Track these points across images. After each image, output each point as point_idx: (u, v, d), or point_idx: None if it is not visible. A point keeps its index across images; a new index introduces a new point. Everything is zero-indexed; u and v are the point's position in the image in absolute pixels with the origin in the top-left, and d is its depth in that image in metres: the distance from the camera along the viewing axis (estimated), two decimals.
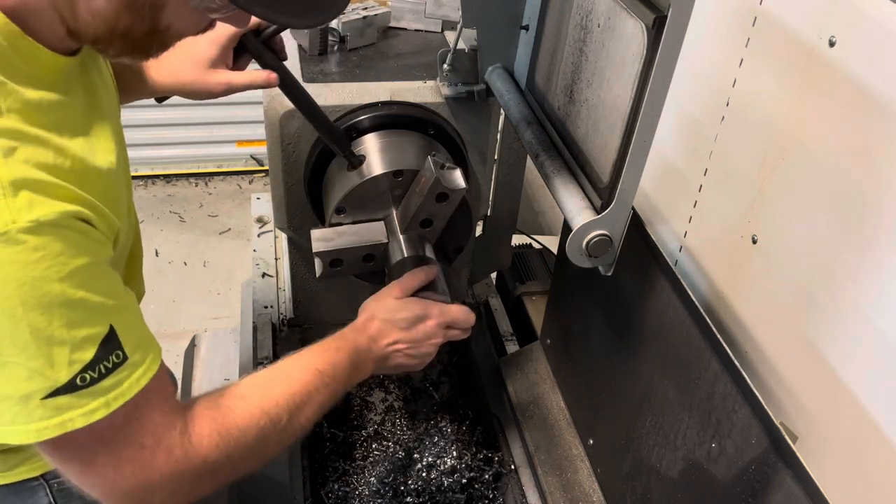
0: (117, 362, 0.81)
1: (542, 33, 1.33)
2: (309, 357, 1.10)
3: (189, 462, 0.88)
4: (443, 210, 1.37)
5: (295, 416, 1.01)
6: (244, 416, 0.95)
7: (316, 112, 1.30)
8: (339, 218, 1.40)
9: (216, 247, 3.63)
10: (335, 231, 1.40)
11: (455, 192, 1.33)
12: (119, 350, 0.82)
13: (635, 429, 1.29)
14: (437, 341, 1.27)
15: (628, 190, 1.00)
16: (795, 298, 1.08)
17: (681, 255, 1.37)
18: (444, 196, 1.34)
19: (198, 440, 0.90)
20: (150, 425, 0.86)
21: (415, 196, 1.37)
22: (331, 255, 1.38)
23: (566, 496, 1.48)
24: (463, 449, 1.67)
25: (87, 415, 0.80)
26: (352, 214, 1.41)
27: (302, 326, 1.84)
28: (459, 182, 1.32)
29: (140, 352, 0.85)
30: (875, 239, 0.94)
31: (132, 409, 0.84)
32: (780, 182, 1.10)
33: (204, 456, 0.90)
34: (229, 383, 1.01)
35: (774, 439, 0.94)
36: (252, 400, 0.98)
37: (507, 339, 1.94)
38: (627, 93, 0.97)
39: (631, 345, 1.31)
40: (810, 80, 1.03)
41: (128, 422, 0.84)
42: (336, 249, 1.38)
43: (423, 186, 1.33)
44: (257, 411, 0.97)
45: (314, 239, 1.38)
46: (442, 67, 1.48)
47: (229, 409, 0.95)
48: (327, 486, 1.60)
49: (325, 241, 1.38)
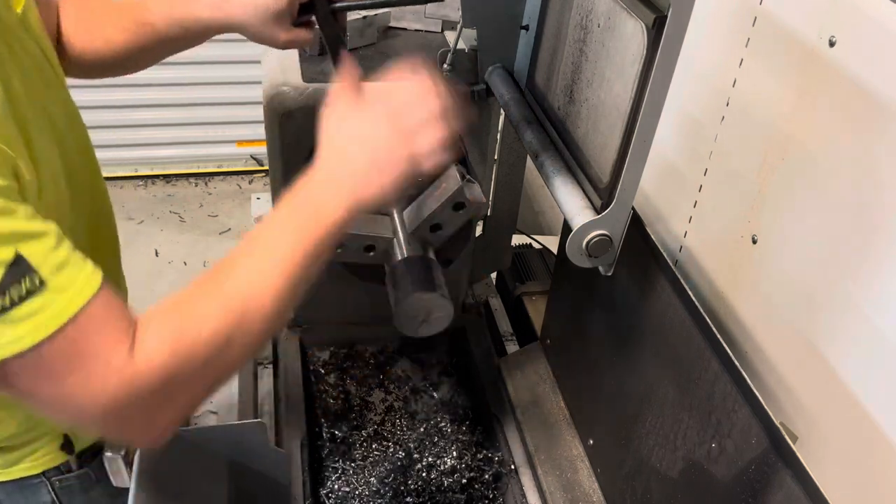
0: (31, 289, 0.76)
1: (542, 33, 1.33)
2: (263, 235, 0.93)
3: (143, 379, 0.81)
4: (456, 219, 1.39)
5: (255, 303, 0.87)
6: (200, 318, 0.85)
7: None
8: None
9: (216, 247, 3.63)
10: None
11: (474, 205, 1.36)
12: (32, 275, 0.77)
13: (635, 429, 1.29)
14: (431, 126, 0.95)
15: (628, 190, 1.00)
16: (795, 298, 1.08)
17: (681, 255, 1.37)
18: (461, 206, 1.36)
19: (148, 356, 0.81)
20: (93, 348, 0.80)
21: (431, 200, 1.38)
22: None
23: (566, 496, 1.48)
24: (463, 449, 1.67)
25: (14, 343, 0.75)
26: None
27: (302, 326, 1.84)
28: (480, 196, 1.36)
29: (64, 276, 0.79)
30: (875, 239, 0.94)
31: (71, 334, 0.78)
32: (780, 182, 1.10)
33: (159, 371, 0.81)
34: (183, 288, 0.88)
35: (774, 439, 0.94)
36: (206, 299, 0.86)
37: (507, 339, 1.94)
38: (627, 93, 0.97)
39: (631, 345, 1.31)
40: (810, 80, 1.03)
41: (67, 347, 0.79)
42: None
43: (443, 193, 1.35)
44: (214, 310, 0.85)
45: None
46: (442, 67, 1.48)
47: (183, 314, 0.85)
48: (327, 486, 1.60)
49: None
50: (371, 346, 1.90)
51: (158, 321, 0.83)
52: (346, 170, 0.95)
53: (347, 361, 1.86)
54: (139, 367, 0.80)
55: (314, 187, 0.95)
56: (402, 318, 1.32)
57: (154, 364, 0.80)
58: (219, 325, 0.84)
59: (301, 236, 0.91)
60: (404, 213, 1.43)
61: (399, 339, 1.91)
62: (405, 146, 0.95)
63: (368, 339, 1.90)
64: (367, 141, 0.96)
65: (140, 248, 3.56)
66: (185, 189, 4.05)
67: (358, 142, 0.96)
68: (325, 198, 0.93)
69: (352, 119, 0.98)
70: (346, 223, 0.94)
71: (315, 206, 0.93)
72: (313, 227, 0.91)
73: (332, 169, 0.96)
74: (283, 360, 1.78)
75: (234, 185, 4.12)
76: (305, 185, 0.95)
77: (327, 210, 0.92)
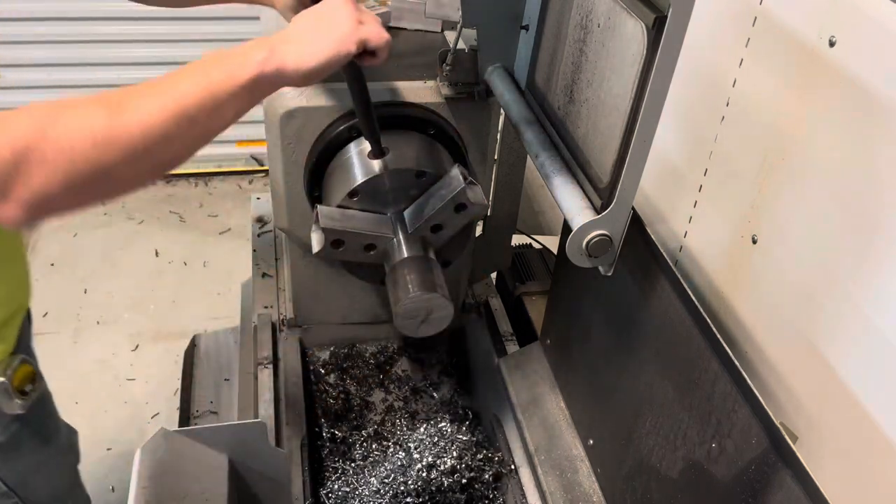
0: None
1: (542, 33, 1.33)
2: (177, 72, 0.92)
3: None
4: (457, 220, 1.41)
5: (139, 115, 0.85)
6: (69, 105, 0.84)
7: (364, 91, 1.27)
8: (349, 202, 1.40)
9: (216, 247, 3.63)
10: (343, 213, 1.40)
11: (475, 207, 1.37)
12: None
13: (635, 429, 1.29)
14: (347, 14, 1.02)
15: (628, 190, 1.00)
16: (795, 298, 1.08)
17: (681, 255, 1.37)
18: (463, 207, 1.37)
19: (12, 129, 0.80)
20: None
21: (433, 200, 1.38)
22: (336, 234, 1.37)
23: (566, 496, 1.48)
24: (463, 449, 1.67)
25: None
26: (362, 202, 1.40)
27: (302, 326, 1.84)
28: (482, 198, 1.37)
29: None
30: (875, 239, 0.94)
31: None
32: (780, 182, 1.10)
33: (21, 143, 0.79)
34: None
35: (774, 439, 0.94)
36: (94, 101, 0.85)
37: (507, 339, 1.94)
38: (627, 93, 0.97)
39: (631, 345, 1.32)
40: (810, 80, 1.03)
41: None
42: (343, 230, 1.38)
43: (446, 194, 1.36)
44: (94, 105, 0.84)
45: (322, 215, 1.38)
46: (442, 67, 1.48)
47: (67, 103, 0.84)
48: (327, 486, 1.60)
49: (333, 219, 1.38)
50: (371, 346, 1.90)
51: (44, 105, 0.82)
52: (278, 35, 0.99)
53: (347, 361, 1.86)
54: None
55: (242, 46, 0.96)
56: (402, 318, 1.32)
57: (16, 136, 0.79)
58: (94, 119, 0.83)
59: (207, 79, 0.90)
60: (405, 213, 1.43)
61: (399, 339, 1.91)
62: (346, 27, 1.00)
63: (368, 339, 1.90)
64: (310, 15, 1.02)
65: (140, 248, 3.56)
66: (185, 189, 4.05)
67: (303, 18, 1.02)
68: (245, 52, 0.95)
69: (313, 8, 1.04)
70: (259, 82, 0.94)
71: (232, 57, 0.94)
72: (223, 75, 0.91)
73: (268, 37, 0.98)
74: (283, 360, 1.78)
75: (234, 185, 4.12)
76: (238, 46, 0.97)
77: (242, 62, 0.93)
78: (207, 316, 3.14)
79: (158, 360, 2.94)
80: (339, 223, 1.38)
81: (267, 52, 0.95)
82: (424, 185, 1.40)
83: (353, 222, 1.39)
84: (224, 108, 0.92)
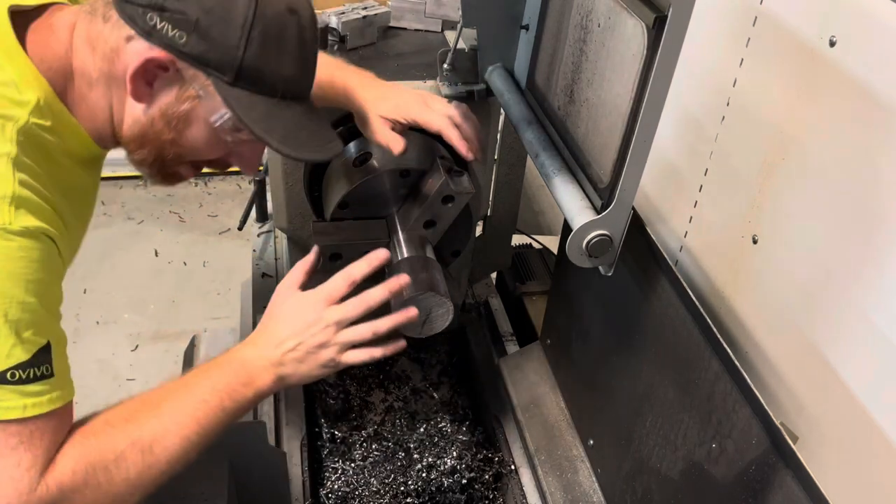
0: (45, 374, 0.89)
1: (542, 33, 1.33)
2: (190, 384, 1.08)
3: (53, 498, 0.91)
4: (447, 212, 1.39)
5: (168, 447, 1.00)
6: (110, 451, 0.97)
7: None
8: (341, 213, 1.40)
9: (216, 247, 3.63)
10: (336, 226, 1.40)
11: (462, 196, 1.35)
12: (49, 364, 0.90)
13: (635, 429, 1.29)
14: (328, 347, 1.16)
15: (628, 190, 1.00)
16: (796, 298, 1.08)
17: (681, 255, 1.37)
18: (450, 198, 1.35)
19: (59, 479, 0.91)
20: (32, 451, 0.90)
21: (420, 196, 1.37)
22: (331, 248, 1.37)
23: (566, 496, 1.48)
24: (463, 449, 1.67)
25: (1, 411, 0.86)
26: (354, 210, 1.40)
27: None
28: (467, 186, 1.35)
29: (62, 378, 0.93)
30: (875, 239, 0.94)
31: (36, 425, 0.89)
32: (780, 182, 1.10)
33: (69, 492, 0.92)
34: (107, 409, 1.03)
35: (775, 439, 0.94)
36: (122, 433, 0.99)
37: (507, 339, 1.94)
38: (627, 93, 0.97)
39: (631, 345, 1.31)
40: (810, 80, 1.03)
41: (24, 436, 0.89)
42: (337, 244, 1.38)
43: (431, 187, 1.35)
44: (126, 447, 0.98)
45: (316, 232, 1.38)
46: (442, 67, 1.48)
47: (102, 447, 0.97)
48: (327, 486, 1.60)
49: (327, 234, 1.38)
50: None
51: (78, 449, 0.95)
52: (274, 355, 1.12)
53: None
54: (50, 487, 0.90)
55: (247, 368, 1.11)
56: None
57: (65, 485, 0.92)
58: (128, 462, 0.97)
59: (224, 413, 1.06)
60: (399, 212, 1.43)
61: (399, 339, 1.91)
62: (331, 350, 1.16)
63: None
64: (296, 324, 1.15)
65: (140, 248, 3.56)
66: (185, 189, 4.05)
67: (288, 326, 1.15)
68: (253, 378, 1.10)
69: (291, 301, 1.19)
70: (271, 392, 1.13)
71: (245, 388, 1.09)
72: (236, 406, 1.07)
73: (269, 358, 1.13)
74: None
75: (233, 185, 4.12)
76: (240, 351, 1.13)
77: (254, 395, 1.10)
78: (207, 316, 3.14)
79: (158, 360, 2.93)
80: (333, 237, 1.38)
81: (275, 381, 1.12)
82: (412, 182, 1.40)
83: (346, 233, 1.39)
84: (232, 422, 1.08)
